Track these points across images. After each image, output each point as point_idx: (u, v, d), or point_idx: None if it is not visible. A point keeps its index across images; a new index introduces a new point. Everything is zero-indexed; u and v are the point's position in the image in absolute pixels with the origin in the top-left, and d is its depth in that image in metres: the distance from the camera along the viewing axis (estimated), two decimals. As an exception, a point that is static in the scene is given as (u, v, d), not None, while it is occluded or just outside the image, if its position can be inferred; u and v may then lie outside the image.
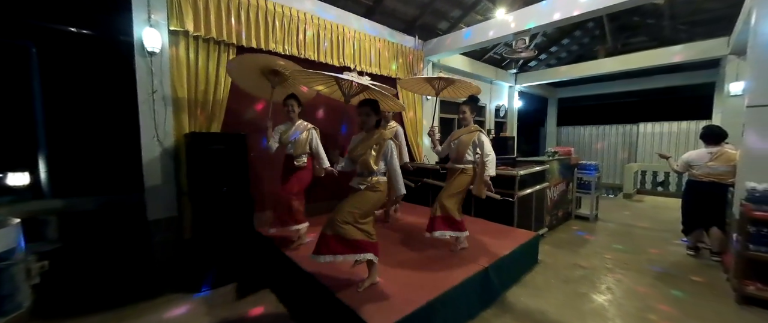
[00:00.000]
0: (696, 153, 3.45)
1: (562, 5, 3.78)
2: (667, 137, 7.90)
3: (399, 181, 2.25)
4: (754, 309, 2.40)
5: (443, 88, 3.25)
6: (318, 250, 2.04)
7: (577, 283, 2.86)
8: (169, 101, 2.93)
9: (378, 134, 2.18)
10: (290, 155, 2.86)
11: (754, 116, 2.59)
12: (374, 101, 2.26)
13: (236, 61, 2.81)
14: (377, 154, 2.14)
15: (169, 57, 2.90)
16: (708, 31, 5.79)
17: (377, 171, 2.15)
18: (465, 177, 2.77)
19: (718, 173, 3.24)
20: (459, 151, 2.79)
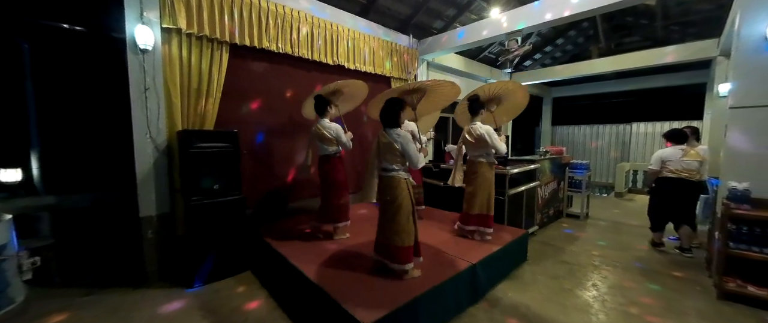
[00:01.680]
0: (669, 151, 3.59)
1: (555, 5, 3.82)
2: (657, 137, 7.99)
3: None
4: (735, 305, 2.47)
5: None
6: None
7: (563, 279, 2.92)
8: (162, 99, 2.94)
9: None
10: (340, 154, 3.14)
11: (736, 116, 2.65)
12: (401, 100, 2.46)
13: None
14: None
15: (162, 54, 2.91)
16: (699, 33, 5.87)
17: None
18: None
19: (691, 168, 3.44)
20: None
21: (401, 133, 2.28)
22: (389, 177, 2.29)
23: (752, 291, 2.43)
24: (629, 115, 8.49)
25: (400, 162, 2.29)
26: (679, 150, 3.53)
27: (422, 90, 2.62)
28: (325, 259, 2.64)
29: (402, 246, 2.24)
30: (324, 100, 3.08)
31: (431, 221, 3.63)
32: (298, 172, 3.45)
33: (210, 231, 2.81)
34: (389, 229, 2.29)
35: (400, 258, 2.25)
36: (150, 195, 2.92)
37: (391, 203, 2.28)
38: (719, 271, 2.59)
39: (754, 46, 2.52)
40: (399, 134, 2.26)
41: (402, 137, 2.25)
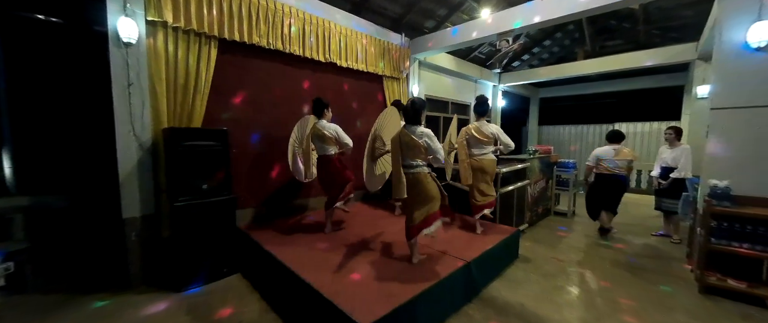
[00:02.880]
0: (603, 149, 4.14)
1: (545, 7, 3.88)
2: (640, 137, 8.28)
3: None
4: (715, 298, 2.57)
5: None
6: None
7: (554, 276, 2.98)
8: (146, 95, 2.81)
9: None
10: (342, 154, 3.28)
11: (717, 117, 2.76)
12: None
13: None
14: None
15: (147, 48, 2.79)
16: (679, 37, 6.10)
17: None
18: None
19: (621, 166, 4.01)
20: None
21: (425, 130, 2.44)
22: (415, 173, 2.46)
23: (732, 285, 2.54)
24: (612, 115, 8.75)
25: (423, 158, 2.45)
26: (612, 149, 4.03)
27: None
28: (319, 260, 2.59)
29: (430, 214, 2.49)
30: (321, 102, 3.14)
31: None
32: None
33: (198, 233, 2.72)
34: (422, 210, 2.48)
35: (428, 223, 2.49)
36: (133, 196, 2.79)
37: (421, 194, 2.47)
38: (701, 266, 2.69)
39: (735, 50, 2.63)
40: (423, 132, 2.43)
41: (426, 133, 2.42)
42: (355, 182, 3.34)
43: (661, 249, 3.75)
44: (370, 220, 3.77)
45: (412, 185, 2.49)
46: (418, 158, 2.45)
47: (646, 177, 7.48)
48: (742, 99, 2.62)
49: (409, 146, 2.43)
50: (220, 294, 2.65)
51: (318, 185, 3.58)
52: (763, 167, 2.57)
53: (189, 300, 2.55)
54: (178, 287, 2.66)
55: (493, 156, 3.26)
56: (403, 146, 2.47)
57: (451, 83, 6.99)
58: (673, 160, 3.97)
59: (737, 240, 2.52)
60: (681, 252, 3.61)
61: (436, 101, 6.61)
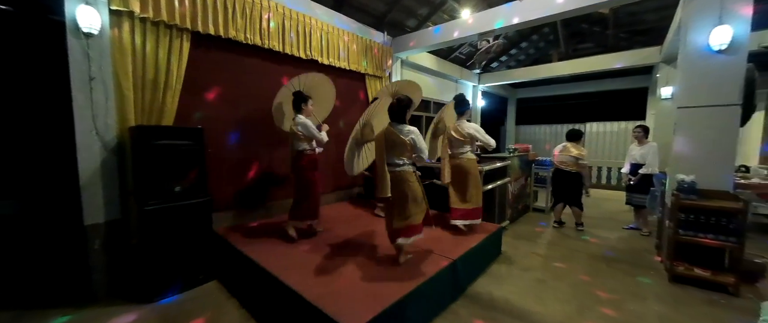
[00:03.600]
0: (558, 146, 4.52)
1: (524, 8, 3.97)
2: (610, 136, 8.73)
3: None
4: (684, 286, 2.72)
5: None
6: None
7: (536, 271, 3.05)
8: (111, 90, 2.60)
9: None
10: (312, 151, 3.02)
11: (684, 115, 2.92)
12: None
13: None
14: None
15: (111, 40, 2.57)
16: (644, 41, 6.46)
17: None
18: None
19: (565, 161, 4.35)
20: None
21: (412, 128, 2.43)
22: (400, 172, 2.44)
23: (698, 273, 2.70)
24: (585, 115, 9.17)
25: (408, 156, 2.44)
26: (563, 146, 4.41)
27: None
28: (301, 263, 2.50)
29: (412, 225, 2.45)
30: (300, 96, 2.99)
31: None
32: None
33: (170, 238, 2.54)
34: (403, 218, 2.44)
35: (408, 234, 2.46)
36: (96, 200, 2.57)
37: (403, 195, 2.43)
38: (670, 256, 2.84)
39: (699, 52, 2.80)
40: (410, 130, 2.41)
41: (413, 131, 2.41)
42: (320, 193, 3.16)
43: (632, 242, 3.94)
44: (353, 220, 3.71)
45: (396, 183, 2.45)
46: (404, 155, 2.44)
47: (616, 174, 7.88)
48: (705, 98, 2.79)
49: (396, 143, 2.41)
50: (195, 302, 2.49)
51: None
52: (723, 163, 2.76)
53: (162, 311, 2.38)
54: (150, 297, 2.47)
55: (471, 155, 3.26)
56: (388, 144, 2.44)
57: (433, 83, 7.04)
58: (641, 157, 4.19)
59: (702, 231, 2.67)
60: (650, 243, 3.81)
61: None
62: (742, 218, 2.54)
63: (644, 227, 4.26)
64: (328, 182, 4.51)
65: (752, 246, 2.99)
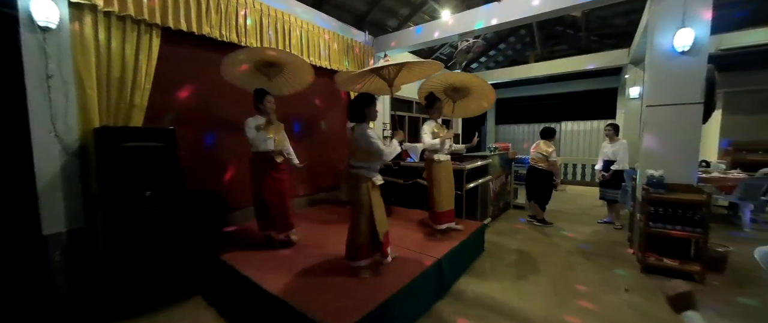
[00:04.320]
0: (534, 144, 4.67)
1: (502, 10, 4.06)
2: (583, 135, 9.10)
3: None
4: (655, 276, 2.86)
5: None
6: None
7: (517, 267, 3.11)
8: (72, 89, 2.41)
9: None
10: (272, 153, 2.77)
11: (651, 114, 3.08)
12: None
13: (225, 61, 2.76)
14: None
15: (71, 35, 2.39)
16: (614, 43, 6.78)
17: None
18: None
19: (535, 158, 4.55)
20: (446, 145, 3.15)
21: (364, 129, 2.23)
22: (351, 175, 2.27)
23: (667, 263, 2.84)
24: (560, 114, 9.51)
25: (364, 160, 2.24)
26: (536, 144, 4.63)
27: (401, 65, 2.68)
28: (282, 267, 2.42)
29: (352, 245, 2.28)
30: (256, 93, 2.78)
31: (393, 220, 3.59)
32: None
33: (141, 246, 2.39)
34: (360, 233, 2.25)
35: (348, 255, 2.30)
36: (57, 207, 2.38)
37: (356, 205, 2.26)
38: (642, 248, 2.98)
39: (664, 53, 2.96)
40: (360, 131, 2.21)
41: (362, 133, 2.20)
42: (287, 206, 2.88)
43: (606, 235, 4.11)
44: (336, 221, 3.65)
45: (349, 188, 2.29)
46: (359, 158, 2.24)
47: (590, 171, 8.23)
48: (671, 97, 2.95)
49: (353, 143, 2.28)
50: (170, 314, 2.36)
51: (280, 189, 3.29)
52: (688, 157, 2.92)
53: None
54: (119, 312, 2.31)
55: (443, 156, 3.13)
56: (351, 143, 2.33)
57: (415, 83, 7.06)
58: (613, 154, 4.39)
59: (670, 223, 2.82)
60: (623, 236, 3.98)
61: (400, 101, 6.64)
62: (706, 210, 2.70)
63: (617, 220, 4.46)
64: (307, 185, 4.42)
65: (714, 236, 3.19)
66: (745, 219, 4.18)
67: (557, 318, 2.24)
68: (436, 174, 3.08)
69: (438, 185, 3.08)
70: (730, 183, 4.38)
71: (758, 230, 4.17)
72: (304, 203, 4.41)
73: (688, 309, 1.01)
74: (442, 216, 3.09)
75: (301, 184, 4.33)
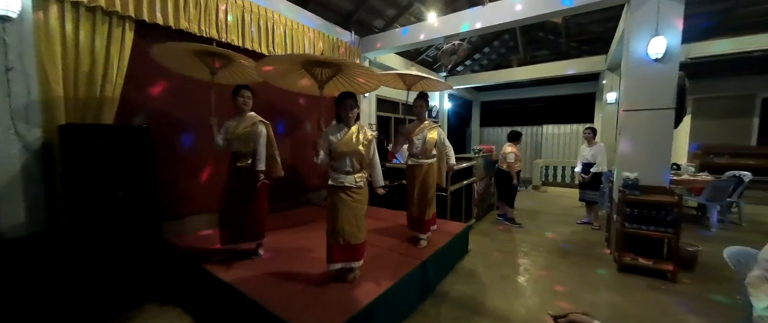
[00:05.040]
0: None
1: (486, 14, 4.12)
2: (563, 137, 9.38)
3: (380, 174, 2.37)
4: (630, 275, 2.95)
5: (414, 83, 3.28)
6: (333, 258, 2.12)
7: (500, 267, 3.14)
8: (34, 83, 2.26)
9: (361, 127, 2.20)
10: (234, 155, 2.51)
11: (627, 118, 3.19)
12: (353, 93, 2.22)
13: (160, 47, 2.35)
14: (367, 149, 2.18)
15: (34, 26, 2.24)
16: (591, 50, 7.03)
17: (365, 167, 2.22)
18: (435, 171, 2.94)
19: (500, 159, 4.75)
20: (426, 147, 2.89)
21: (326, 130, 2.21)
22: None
23: (642, 262, 2.94)
24: (541, 118, 9.78)
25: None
26: (504, 146, 4.74)
27: (337, 66, 2.43)
28: (261, 272, 2.33)
29: (327, 246, 2.21)
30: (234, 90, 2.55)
31: (377, 221, 3.56)
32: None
33: (112, 251, 2.26)
34: (334, 236, 2.18)
35: (326, 256, 2.23)
36: (17, 210, 2.21)
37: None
38: (618, 248, 3.08)
39: (639, 60, 3.07)
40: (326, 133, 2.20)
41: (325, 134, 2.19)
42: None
43: (585, 235, 4.23)
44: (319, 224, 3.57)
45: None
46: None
47: (570, 172, 8.48)
48: (645, 102, 3.07)
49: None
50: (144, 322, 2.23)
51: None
52: (661, 160, 3.04)
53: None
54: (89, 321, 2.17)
55: (412, 159, 2.95)
56: None
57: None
58: (591, 156, 4.53)
59: (645, 224, 2.92)
60: (601, 236, 4.11)
61: (386, 102, 6.63)
62: (678, 211, 2.81)
63: (595, 221, 4.60)
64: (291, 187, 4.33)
65: (685, 236, 3.33)
66: (712, 220, 4.40)
67: (537, 317, 2.27)
68: (407, 178, 3.05)
69: (408, 189, 3.00)
70: (699, 185, 4.61)
71: (724, 229, 4.39)
72: (289, 205, 4.31)
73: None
74: (409, 222, 3.00)
75: (285, 187, 4.23)
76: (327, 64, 2.36)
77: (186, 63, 2.58)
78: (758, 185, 5.67)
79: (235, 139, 2.47)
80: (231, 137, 2.47)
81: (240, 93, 2.50)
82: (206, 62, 2.49)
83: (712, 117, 7.23)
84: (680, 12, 2.89)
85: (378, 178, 2.35)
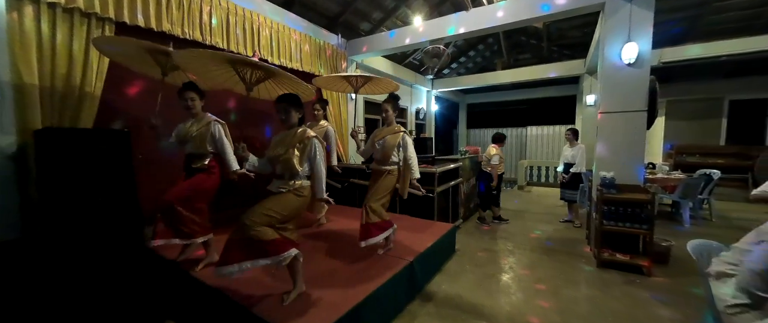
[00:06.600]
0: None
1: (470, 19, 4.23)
2: (547, 139, 9.64)
3: (322, 185, 2.06)
4: (609, 270, 3.07)
5: (362, 85, 3.25)
6: (224, 260, 1.77)
7: (485, 266, 3.21)
8: (8, 86, 2.19)
9: (301, 132, 2.01)
10: (188, 156, 2.41)
11: (604, 120, 3.33)
12: (294, 95, 2.09)
13: (107, 39, 2.27)
14: (301, 154, 1.96)
15: (8, 26, 2.17)
16: (571, 54, 7.29)
17: (301, 174, 1.96)
18: (391, 178, 2.74)
19: (483, 161, 4.80)
20: (385, 152, 2.73)
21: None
22: None
23: (619, 258, 3.07)
24: (525, 120, 10.03)
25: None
26: (488, 148, 4.76)
27: (269, 73, 2.27)
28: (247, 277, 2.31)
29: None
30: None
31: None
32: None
33: (90, 259, 2.19)
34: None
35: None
36: (-12, 217, 2.13)
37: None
38: (597, 244, 3.20)
39: (614, 65, 3.22)
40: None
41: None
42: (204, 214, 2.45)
43: (566, 233, 4.37)
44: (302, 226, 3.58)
45: None
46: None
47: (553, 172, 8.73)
48: (620, 105, 3.21)
49: None
50: (122, 329, 2.18)
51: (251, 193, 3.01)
52: (635, 160, 3.19)
53: (77, 344, 2.03)
54: (61, 329, 2.10)
55: (393, 167, 2.77)
56: None
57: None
58: (572, 157, 4.69)
59: (621, 221, 3.05)
60: (581, 234, 4.25)
61: (374, 104, 6.67)
62: (651, 208, 2.95)
63: (576, 219, 4.75)
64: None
65: (659, 232, 3.49)
66: (685, 216, 4.63)
67: (520, 314, 2.34)
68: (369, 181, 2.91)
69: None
70: (672, 183, 4.83)
71: (696, 225, 4.62)
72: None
73: None
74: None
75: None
76: (258, 66, 2.21)
77: (138, 60, 2.46)
78: (727, 183, 6.00)
79: (189, 140, 2.36)
80: (184, 138, 2.38)
81: (183, 95, 2.34)
82: (158, 61, 2.38)
83: (684, 118, 7.59)
84: (650, 19, 3.05)
85: (317, 188, 2.05)
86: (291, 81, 2.40)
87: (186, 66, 2.34)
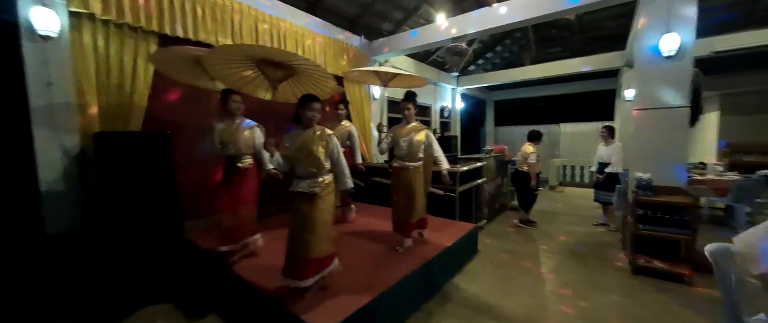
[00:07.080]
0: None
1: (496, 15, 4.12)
2: (583, 136, 9.10)
3: (347, 176, 2.21)
4: (643, 277, 2.88)
5: (390, 79, 3.27)
6: (302, 275, 1.98)
7: (507, 268, 3.14)
8: (72, 96, 2.51)
9: (321, 130, 2.10)
10: (232, 157, 2.59)
11: (641, 117, 3.12)
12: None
13: (161, 52, 2.53)
14: (325, 151, 2.07)
15: (70, 43, 2.48)
16: (608, 46, 6.81)
17: (327, 169, 2.10)
18: (421, 175, 2.86)
19: (518, 160, 4.66)
20: (412, 150, 2.79)
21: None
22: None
23: (657, 265, 2.87)
24: (559, 116, 9.53)
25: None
26: (524, 146, 4.61)
27: (290, 69, 2.34)
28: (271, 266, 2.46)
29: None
30: (223, 93, 2.64)
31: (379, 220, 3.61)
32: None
33: (137, 249, 2.45)
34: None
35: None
36: (59, 209, 2.46)
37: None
38: (632, 250, 3.01)
39: (651, 58, 3.00)
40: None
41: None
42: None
43: (599, 237, 4.14)
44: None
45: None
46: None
47: (588, 172, 8.24)
48: (658, 101, 2.99)
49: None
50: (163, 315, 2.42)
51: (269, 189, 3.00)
52: (676, 160, 2.95)
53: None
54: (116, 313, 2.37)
55: (420, 163, 2.87)
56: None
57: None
58: (607, 156, 4.42)
59: (659, 225, 2.85)
60: (616, 238, 4.00)
61: (397, 103, 6.70)
62: (693, 212, 2.72)
63: (612, 223, 4.48)
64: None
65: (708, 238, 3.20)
66: (739, 221, 4.19)
67: (541, 318, 2.28)
68: (392, 180, 2.94)
69: (392, 191, 2.94)
70: (723, 185, 4.39)
71: (752, 231, 4.17)
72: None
73: None
74: (393, 224, 2.91)
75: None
76: (279, 65, 2.30)
77: (187, 71, 2.66)
78: (793, 185, 5.30)
79: (231, 142, 2.54)
80: (225, 140, 2.54)
81: (232, 99, 2.56)
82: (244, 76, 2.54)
83: (742, 113, 6.83)
84: (693, 7, 2.80)
85: (342, 180, 2.20)
86: (312, 79, 2.54)
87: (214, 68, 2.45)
